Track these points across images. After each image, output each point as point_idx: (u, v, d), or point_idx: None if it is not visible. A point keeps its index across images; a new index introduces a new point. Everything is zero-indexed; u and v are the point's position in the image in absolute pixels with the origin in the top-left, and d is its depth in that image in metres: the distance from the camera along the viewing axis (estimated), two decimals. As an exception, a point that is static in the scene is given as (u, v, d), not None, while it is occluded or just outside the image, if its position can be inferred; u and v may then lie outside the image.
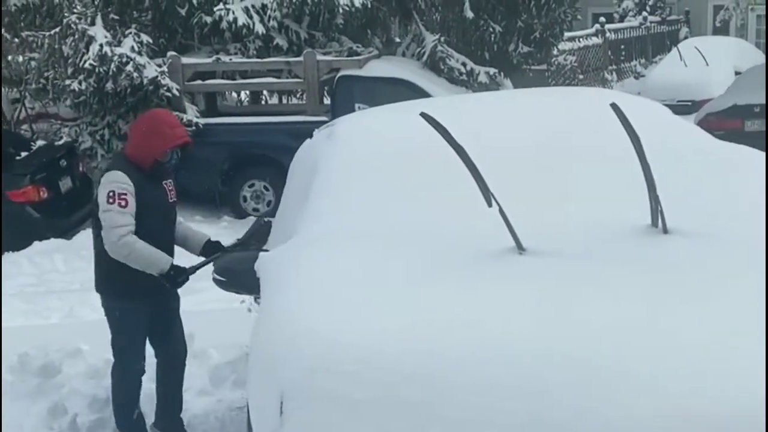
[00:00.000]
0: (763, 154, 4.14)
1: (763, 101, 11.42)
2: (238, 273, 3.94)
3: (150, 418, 5.28)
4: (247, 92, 15.49)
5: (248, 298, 4.96)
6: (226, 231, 10.60)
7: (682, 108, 14.37)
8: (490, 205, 3.05)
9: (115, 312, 4.96)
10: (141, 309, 4.96)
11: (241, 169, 11.54)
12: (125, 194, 4.65)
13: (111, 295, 4.95)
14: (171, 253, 4.98)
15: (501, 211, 3.05)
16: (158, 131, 4.80)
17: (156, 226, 4.84)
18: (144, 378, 5.18)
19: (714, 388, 2.41)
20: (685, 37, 23.77)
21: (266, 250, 4.03)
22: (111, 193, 4.65)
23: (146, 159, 4.79)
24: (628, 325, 2.62)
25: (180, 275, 4.74)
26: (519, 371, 2.51)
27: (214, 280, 4.12)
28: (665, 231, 3.16)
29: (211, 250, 5.04)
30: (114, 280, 4.87)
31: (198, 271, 4.87)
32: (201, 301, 7.48)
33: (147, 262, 4.70)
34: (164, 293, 5.00)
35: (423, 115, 3.14)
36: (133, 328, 5.00)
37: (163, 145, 4.78)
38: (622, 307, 2.71)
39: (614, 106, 3.01)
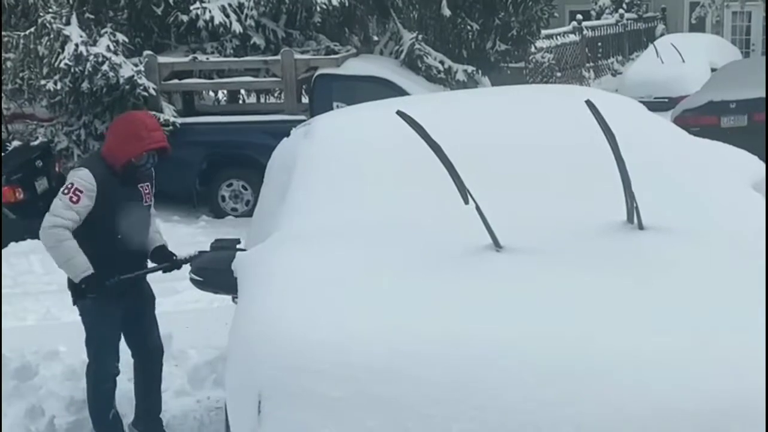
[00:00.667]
0: (738, 150, 4.18)
1: (739, 97, 11.50)
2: (215, 272, 3.92)
3: (129, 418, 5.24)
4: (225, 91, 15.46)
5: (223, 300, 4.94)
6: (204, 231, 10.58)
7: (659, 105, 14.45)
8: (467, 202, 3.06)
9: (88, 309, 4.89)
10: (113, 308, 4.88)
11: (219, 168, 11.50)
12: (81, 191, 4.61)
13: (82, 295, 4.83)
14: (143, 256, 4.97)
15: (478, 209, 3.05)
16: (135, 133, 4.73)
17: (125, 228, 4.76)
18: (122, 378, 5.13)
19: (692, 382, 2.43)
20: (662, 34, 23.92)
21: (243, 249, 4.02)
22: (70, 185, 4.62)
23: (119, 160, 4.72)
24: (604, 320, 2.63)
25: (90, 290, 4.67)
26: (492, 368, 2.52)
27: (192, 279, 4.11)
28: (641, 227, 3.17)
29: (159, 257, 5.03)
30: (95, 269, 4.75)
31: (167, 273, 4.90)
32: (179, 302, 7.47)
33: (66, 262, 4.65)
34: (137, 293, 5.02)
35: (399, 113, 3.14)
36: (106, 327, 4.93)
37: (139, 147, 4.71)
38: (597, 302, 2.73)
39: (589, 104, 3.02)
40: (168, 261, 5.00)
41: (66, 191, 4.61)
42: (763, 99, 10.93)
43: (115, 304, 4.86)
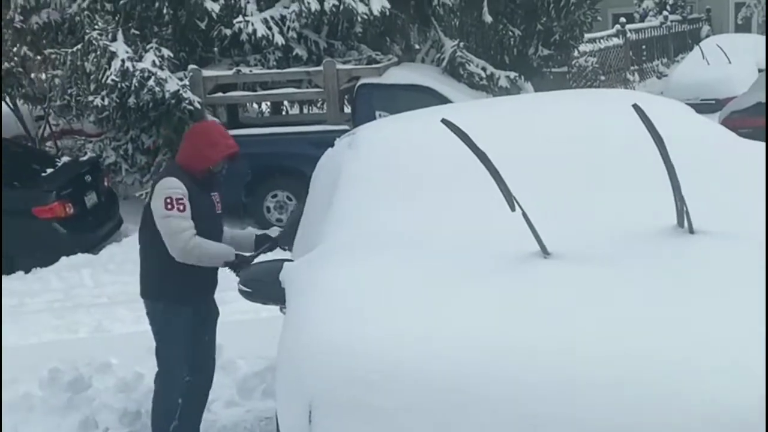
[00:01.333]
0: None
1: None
2: (263, 284, 3.94)
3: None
4: (268, 103, 15.55)
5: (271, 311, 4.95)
6: (251, 242, 10.64)
7: (705, 106, 14.29)
8: (513, 209, 3.04)
9: (163, 317, 5.02)
10: (190, 314, 5.03)
11: (263, 180, 11.57)
12: (182, 199, 4.77)
13: (161, 300, 5.01)
14: (216, 267, 5.11)
15: (524, 215, 3.04)
16: (212, 141, 4.95)
17: (204, 236, 4.88)
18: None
19: (748, 389, 2.39)
20: (707, 36, 23.70)
21: (290, 260, 4.03)
22: (168, 200, 4.74)
23: (200, 168, 4.92)
24: (656, 327, 2.60)
25: (243, 262, 4.83)
26: (546, 376, 2.50)
27: (240, 291, 4.13)
28: (691, 231, 3.14)
29: (262, 241, 5.22)
30: (167, 284, 4.94)
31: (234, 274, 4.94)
32: (228, 312, 7.49)
33: (217, 257, 4.86)
34: (206, 303, 5.20)
35: (444, 121, 3.13)
36: (180, 333, 5.03)
37: (218, 154, 4.93)
38: (649, 309, 2.70)
39: (636, 107, 3.00)
40: (269, 241, 5.22)
41: (170, 207, 4.73)
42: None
43: (192, 308, 5.03)
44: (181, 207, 4.75)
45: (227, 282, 5.00)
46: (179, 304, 4.98)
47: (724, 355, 2.48)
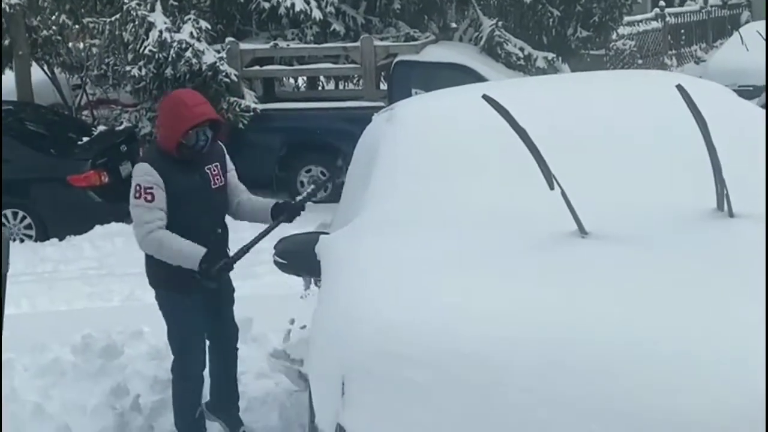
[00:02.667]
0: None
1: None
2: (298, 255, 3.95)
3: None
4: (305, 78, 15.55)
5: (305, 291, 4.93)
6: (284, 216, 10.67)
7: (743, 93, 14.01)
8: (552, 187, 3.02)
9: (167, 306, 4.80)
10: (192, 300, 4.74)
11: (298, 154, 11.59)
12: (151, 188, 4.45)
13: (161, 289, 4.78)
14: (221, 240, 4.79)
15: (563, 194, 3.02)
16: (176, 114, 4.51)
17: (194, 215, 4.59)
18: None
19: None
20: (747, 21, 23.35)
21: (327, 233, 4.04)
22: (138, 188, 4.48)
23: (170, 144, 4.53)
24: (693, 310, 2.59)
25: (213, 265, 4.46)
26: (580, 355, 2.49)
27: (275, 262, 4.14)
28: (731, 215, 3.11)
29: (278, 212, 4.74)
30: (162, 273, 4.68)
31: (249, 252, 4.58)
32: (259, 286, 7.56)
33: (178, 256, 4.49)
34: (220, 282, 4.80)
35: (485, 97, 3.12)
36: (188, 320, 4.79)
37: (181, 125, 4.47)
38: (686, 291, 2.68)
39: (680, 88, 2.97)
40: (286, 210, 4.72)
41: (137, 195, 4.47)
42: None
43: (192, 295, 4.70)
44: (149, 197, 4.45)
45: (258, 255, 5.01)
46: (177, 292, 4.70)
47: (758, 342, 2.46)
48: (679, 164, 3.52)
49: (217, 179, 4.77)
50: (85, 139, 10.89)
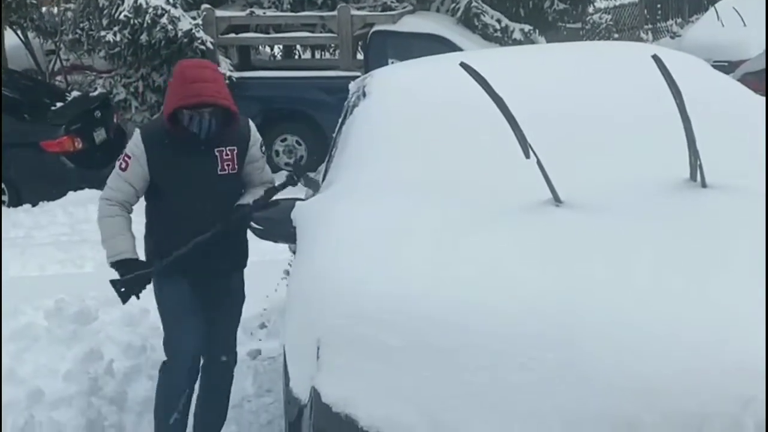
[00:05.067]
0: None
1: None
2: (275, 222, 3.95)
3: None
4: (281, 46, 15.46)
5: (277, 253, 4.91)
6: (259, 185, 10.65)
7: (718, 68, 14.15)
8: (527, 156, 3.04)
9: (155, 290, 4.34)
10: (180, 290, 4.28)
11: (273, 123, 11.53)
12: (129, 157, 4.08)
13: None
14: (224, 234, 4.20)
15: (539, 163, 3.04)
16: (173, 86, 4.07)
17: (190, 201, 4.15)
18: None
19: (749, 343, 2.42)
20: (723, -3, 23.42)
21: (302, 199, 4.05)
22: (124, 152, 4.15)
23: (165, 117, 4.09)
24: (662, 278, 2.62)
25: (127, 273, 4.08)
26: (551, 321, 2.52)
27: (251, 228, 4.15)
28: (704, 185, 3.14)
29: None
30: (149, 250, 4.33)
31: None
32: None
33: (104, 241, 4.17)
34: (221, 274, 4.39)
35: (463, 64, 3.12)
36: (174, 312, 4.31)
37: (171, 102, 4.03)
38: (657, 260, 2.71)
39: (656, 58, 2.99)
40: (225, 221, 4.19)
41: (120, 158, 4.14)
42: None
43: (173, 282, 4.26)
44: (123, 164, 4.09)
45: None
46: (164, 275, 4.22)
47: (727, 308, 2.50)
48: (653, 134, 3.55)
49: (228, 165, 4.20)
50: (59, 104, 10.81)
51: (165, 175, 4.14)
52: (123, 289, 4.17)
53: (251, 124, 4.36)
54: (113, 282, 4.16)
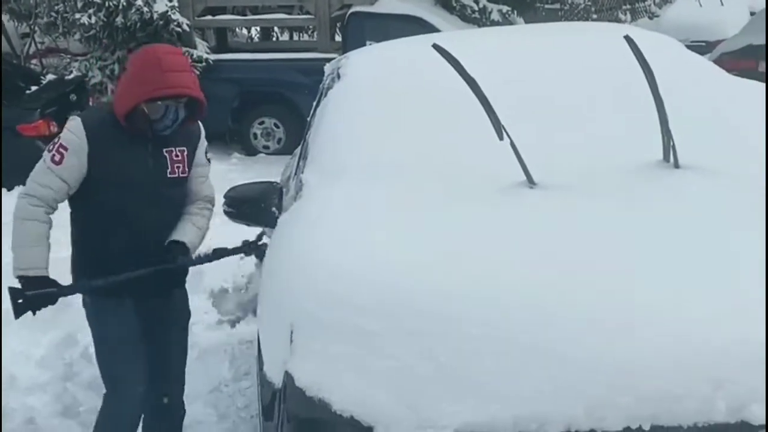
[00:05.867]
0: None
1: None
2: (247, 204, 3.93)
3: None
4: (258, 28, 15.40)
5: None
6: (236, 168, 10.62)
7: (696, 48, 14.11)
8: (501, 138, 3.04)
9: (92, 313, 3.85)
10: (122, 308, 3.78)
11: (251, 106, 11.52)
12: (66, 148, 3.54)
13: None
14: (161, 242, 3.76)
15: (512, 145, 3.03)
16: (144, 74, 3.54)
17: (134, 205, 3.65)
18: None
19: (723, 322, 2.43)
20: (701, -23, 23.45)
21: (279, 184, 4.03)
22: (56, 140, 3.59)
23: (121, 109, 3.57)
24: (635, 260, 2.63)
25: (33, 289, 3.59)
26: (522, 305, 2.52)
27: (225, 211, 4.12)
28: (677, 166, 3.15)
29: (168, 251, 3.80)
30: (84, 264, 3.81)
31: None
32: (210, 236, 7.52)
33: (13, 248, 3.61)
34: (167, 295, 3.94)
35: (435, 46, 3.11)
36: (117, 336, 3.78)
37: (144, 91, 3.53)
38: (630, 242, 2.72)
39: (628, 39, 2.98)
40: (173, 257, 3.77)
41: (51, 147, 3.57)
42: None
43: (115, 304, 3.76)
44: (57, 157, 3.53)
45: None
46: (104, 295, 3.74)
47: (701, 290, 2.51)
48: (626, 116, 3.55)
49: (178, 168, 3.78)
50: (34, 88, 10.72)
51: (106, 174, 3.60)
52: (20, 302, 3.63)
53: (200, 124, 3.91)
54: (12, 291, 3.62)
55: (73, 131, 3.56)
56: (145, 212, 3.69)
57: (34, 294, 3.61)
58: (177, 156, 3.76)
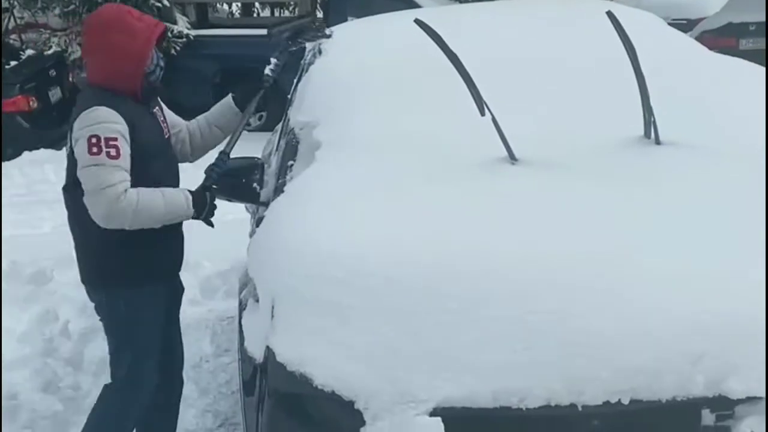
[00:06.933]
0: (758, 68, 4.12)
1: (759, 19, 11.35)
2: (229, 180, 3.90)
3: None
4: (239, 4, 15.30)
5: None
6: (218, 145, 10.57)
7: (677, 26, 14.13)
8: (483, 114, 3.03)
9: (128, 307, 3.60)
10: (160, 297, 3.71)
11: (232, 82, 11.41)
12: (115, 139, 3.29)
13: (122, 284, 3.56)
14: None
15: (494, 120, 3.03)
16: (130, 32, 3.40)
17: (159, 177, 3.53)
18: None
19: (701, 296, 2.45)
20: (683, -46, 23.43)
21: (261, 160, 4.02)
22: (94, 141, 3.26)
23: (135, 75, 3.44)
24: (616, 236, 2.64)
25: (208, 197, 3.59)
26: (502, 279, 2.53)
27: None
28: (658, 142, 3.16)
29: (247, 95, 3.87)
30: (123, 264, 3.53)
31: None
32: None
33: (165, 214, 3.43)
34: (178, 271, 3.87)
35: (417, 21, 3.10)
36: (150, 324, 3.67)
37: (145, 43, 3.42)
38: (611, 217, 2.73)
39: (610, 15, 2.98)
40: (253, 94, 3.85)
41: (96, 150, 3.26)
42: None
43: (153, 292, 3.65)
44: (113, 151, 3.27)
45: (193, 184, 4.92)
46: (147, 284, 3.60)
47: (679, 264, 2.53)
48: (608, 92, 3.55)
49: (165, 126, 3.71)
50: (13, 63, 10.64)
51: (142, 147, 3.43)
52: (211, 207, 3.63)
53: None
54: (202, 206, 3.57)
55: (109, 119, 3.31)
56: (168, 178, 3.62)
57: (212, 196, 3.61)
58: (160, 115, 3.71)
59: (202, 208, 3.57)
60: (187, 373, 4.88)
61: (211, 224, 3.69)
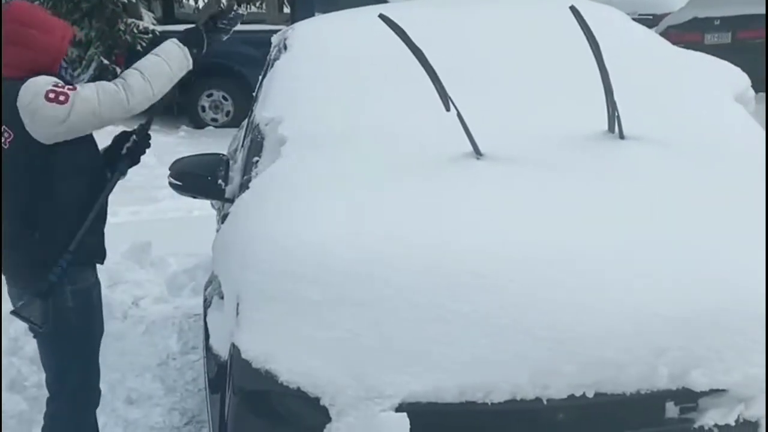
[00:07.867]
0: (722, 62, 4.16)
1: (723, 14, 11.45)
2: (193, 176, 3.89)
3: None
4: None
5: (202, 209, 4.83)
6: (184, 141, 10.55)
7: (643, 21, 14.20)
8: (448, 108, 3.03)
9: (84, 294, 3.41)
10: (98, 285, 3.54)
11: (198, 78, 11.38)
12: (62, 86, 3.19)
13: (80, 267, 3.35)
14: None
15: (459, 116, 3.03)
16: (45, 25, 3.32)
17: (89, 164, 3.40)
18: None
19: (664, 290, 2.46)
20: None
21: (226, 156, 4.00)
22: (51, 94, 3.11)
23: (53, 66, 3.32)
24: (580, 231, 2.65)
25: (202, 32, 3.50)
26: (466, 274, 2.54)
27: (171, 183, 4.07)
28: (621, 136, 3.17)
29: (192, 36, 3.54)
30: (85, 241, 3.30)
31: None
32: (159, 210, 7.47)
33: (169, 69, 3.41)
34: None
35: (381, 16, 3.09)
36: (98, 313, 3.53)
37: (62, 40, 3.33)
38: (575, 212, 2.74)
39: (573, 9, 2.99)
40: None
41: (62, 99, 3.11)
42: (747, 16, 10.89)
43: (96, 274, 3.49)
44: (68, 88, 3.17)
45: (156, 180, 4.91)
46: (92, 265, 3.46)
47: (642, 258, 2.54)
48: (572, 86, 3.56)
49: None
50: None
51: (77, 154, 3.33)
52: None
53: None
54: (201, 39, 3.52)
55: (44, 78, 3.19)
56: (100, 162, 3.48)
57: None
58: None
59: (201, 37, 3.51)
60: (153, 370, 4.88)
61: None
